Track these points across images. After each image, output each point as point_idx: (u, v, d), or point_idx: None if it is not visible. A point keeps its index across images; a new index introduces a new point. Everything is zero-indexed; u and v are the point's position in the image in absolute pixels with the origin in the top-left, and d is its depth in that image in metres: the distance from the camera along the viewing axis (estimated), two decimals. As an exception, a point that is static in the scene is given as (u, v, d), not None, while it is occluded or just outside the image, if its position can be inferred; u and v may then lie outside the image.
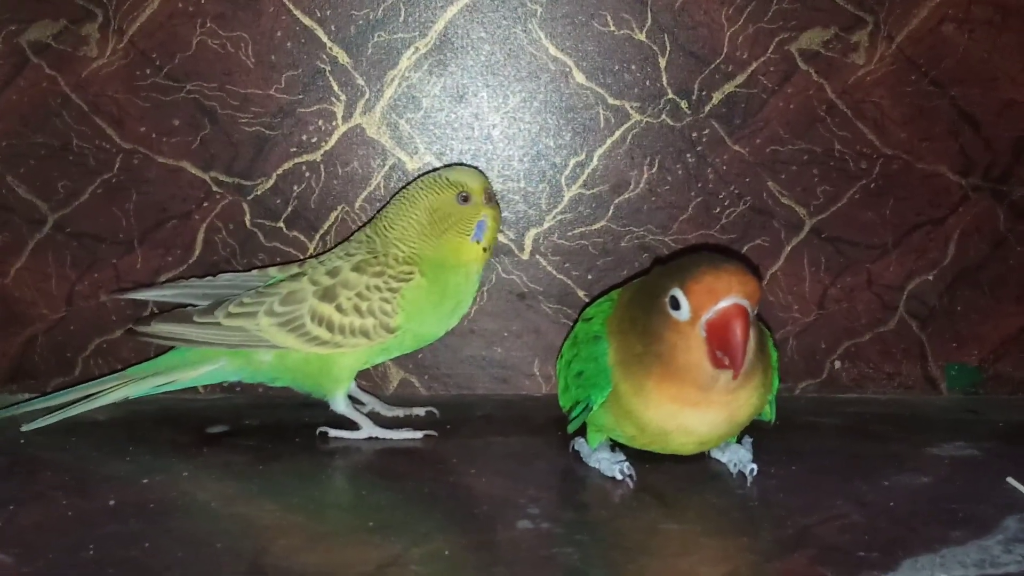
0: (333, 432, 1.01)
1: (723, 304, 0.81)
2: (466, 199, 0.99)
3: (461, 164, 1.09)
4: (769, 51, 1.09)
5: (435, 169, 1.06)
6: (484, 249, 1.01)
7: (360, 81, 1.09)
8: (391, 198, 1.03)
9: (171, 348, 1.03)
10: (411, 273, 0.98)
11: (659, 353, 0.85)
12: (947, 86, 1.10)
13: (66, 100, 1.08)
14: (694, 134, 1.10)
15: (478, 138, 1.11)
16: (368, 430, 1.01)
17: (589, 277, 1.13)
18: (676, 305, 0.83)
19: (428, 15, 1.08)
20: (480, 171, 1.03)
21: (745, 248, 1.12)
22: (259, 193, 1.10)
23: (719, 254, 0.87)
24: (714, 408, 0.86)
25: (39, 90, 1.07)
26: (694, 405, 0.86)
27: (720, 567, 0.75)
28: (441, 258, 0.99)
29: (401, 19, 1.08)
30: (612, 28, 1.09)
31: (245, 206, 1.10)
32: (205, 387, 1.13)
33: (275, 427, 1.04)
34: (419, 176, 1.03)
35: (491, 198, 1.01)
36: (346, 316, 0.97)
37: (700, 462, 0.94)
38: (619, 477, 0.90)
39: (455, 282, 1.00)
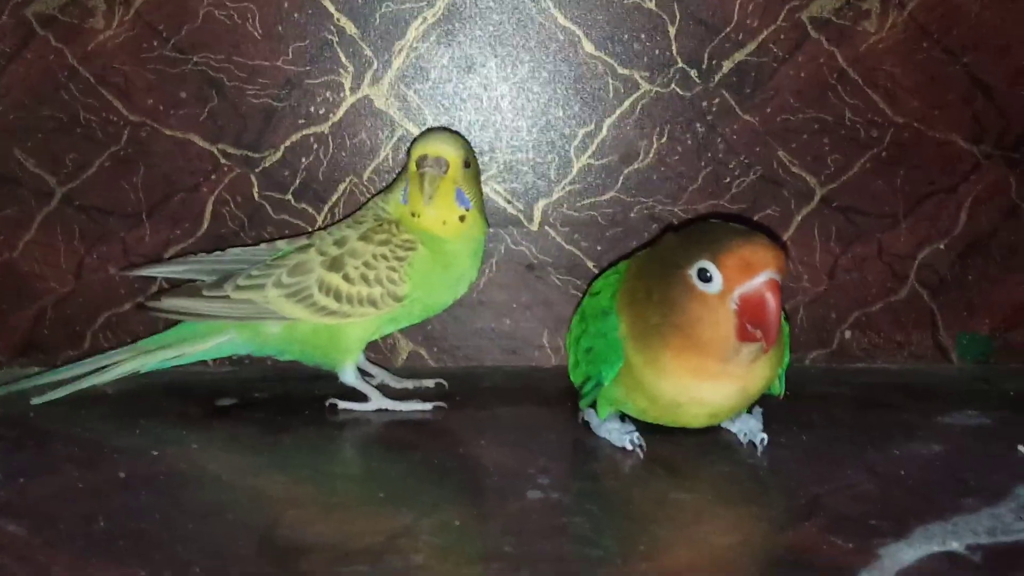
0: (342, 404, 1.01)
1: (760, 279, 0.81)
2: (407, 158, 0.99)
3: (443, 129, 1.07)
4: (780, 19, 1.08)
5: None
6: (412, 215, 0.98)
7: (368, 52, 1.08)
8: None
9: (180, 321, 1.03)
10: (414, 241, 0.98)
11: (679, 324, 0.84)
12: (959, 53, 1.09)
13: (73, 73, 1.07)
14: (704, 103, 1.10)
15: (487, 109, 1.10)
16: (377, 402, 1.01)
17: (598, 248, 1.12)
18: (706, 277, 0.82)
19: (435, -15, 1.08)
20: (449, 137, 0.98)
21: (755, 218, 1.12)
22: (267, 165, 1.10)
23: (737, 224, 0.87)
24: (729, 380, 0.86)
25: (46, 63, 1.07)
26: (711, 377, 0.85)
27: (731, 536, 0.75)
28: (414, 222, 0.98)
29: (408, -11, 1.07)
30: (621, -3, 1.08)
31: (253, 178, 1.10)
32: (214, 360, 1.13)
33: (284, 399, 1.04)
34: None
35: (424, 164, 0.95)
36: (353, 285, 0.97)
37: (710, 432, 0.94)
38: (629, 447, 0.90)
39: (449, 250, 0.99)
